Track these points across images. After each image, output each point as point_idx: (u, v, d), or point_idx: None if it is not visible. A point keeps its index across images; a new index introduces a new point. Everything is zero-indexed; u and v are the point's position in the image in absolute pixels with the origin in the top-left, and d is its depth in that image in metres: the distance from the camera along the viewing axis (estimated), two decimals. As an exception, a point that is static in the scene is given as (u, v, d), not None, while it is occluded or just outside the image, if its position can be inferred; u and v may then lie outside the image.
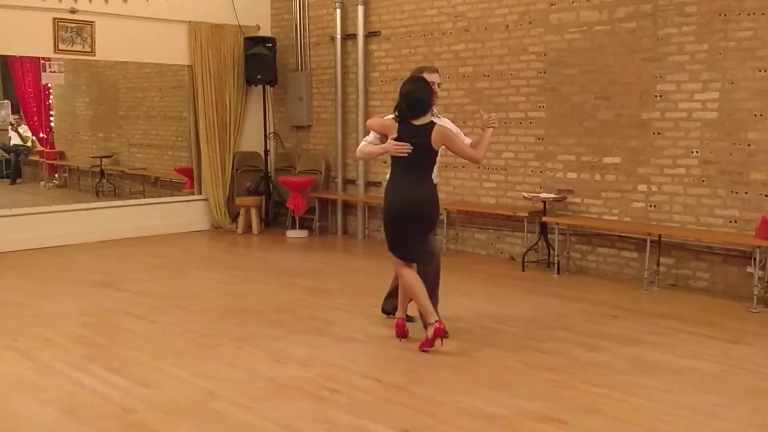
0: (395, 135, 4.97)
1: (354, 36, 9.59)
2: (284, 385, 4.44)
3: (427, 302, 4.99)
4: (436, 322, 4.89)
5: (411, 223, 5.01)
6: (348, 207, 10.02)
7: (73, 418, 3.98)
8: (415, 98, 4.95)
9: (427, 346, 4.94)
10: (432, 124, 4.99)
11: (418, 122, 4.96)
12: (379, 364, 4.81)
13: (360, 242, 9.61)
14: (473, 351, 5.07)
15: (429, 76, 5.17)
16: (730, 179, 6.65)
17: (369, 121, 5.50)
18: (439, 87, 5.31)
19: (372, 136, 5.29)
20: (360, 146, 5.40)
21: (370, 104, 9.55)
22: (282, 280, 7.28)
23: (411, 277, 5.04)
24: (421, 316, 5.12)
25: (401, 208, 5.00)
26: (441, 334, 4.91)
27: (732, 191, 6.65)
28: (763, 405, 4.18)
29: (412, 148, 4.91)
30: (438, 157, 5.14)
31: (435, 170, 5.15)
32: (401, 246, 5.09)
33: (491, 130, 5.21)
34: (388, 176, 5.27)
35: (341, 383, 4.45)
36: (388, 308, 5.68)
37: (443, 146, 5.03)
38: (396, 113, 5.04)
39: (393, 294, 5.56)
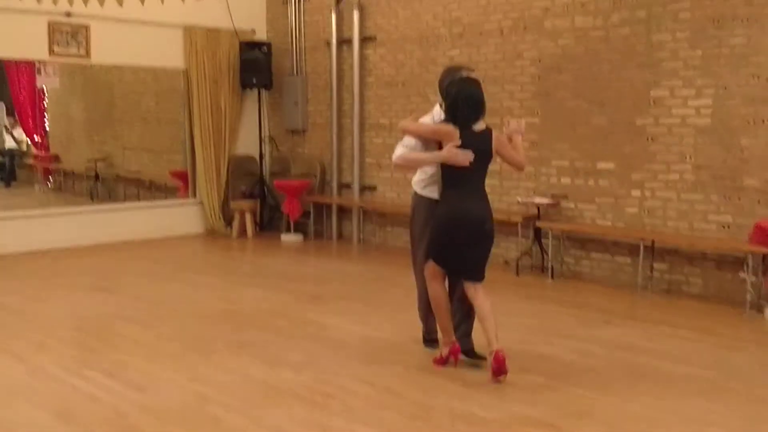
0: (457, 143, 4.52)
1: (349, 41, 9.61)
2: (278, 389, 4.45)
3: (449, 321, 4.77)
4: (452, 342, 4.74)
5: (482, 242, 4.68)
6: (343, 211, 10.03)
7: (67, 422, 3.97)
8: (479, 100, 4.60)
9: (442, 362, 4.78)
10: (490, 129, 4.68)
11: (477, 128, 4.62)
12: (373, 369, 4.81)
13: (355, 246, 9.62)
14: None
15: (474, 77, 4.78)
16: (724, 185, 6.68)
17: (412, 125, 4.83)
18: None
19: (413, 142, 4.76)
20: (402, 153, 4.77)
21: (365, 109, 9.56)
22: (277, 284, 7.28)
23: (444, 294, 4.78)
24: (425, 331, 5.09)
25: (474, 224, 4.61)
26: (457, 354, 4.73)
27: (725, 197, 6.68)
28: (755, 411, 4.19)
29: (474, 156, 4.54)
30: None
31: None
32: (466, 264, 4.69)
33: (520, 137, 4.86)
34: (417, 185, 4.90)
35: (335, 388, 4.45)
36: (466, 347, 4.91)
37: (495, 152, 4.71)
38: (453, 118, 4.60)
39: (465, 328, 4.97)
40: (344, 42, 9.73)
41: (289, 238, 9.81)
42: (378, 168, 9.50)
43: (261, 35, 10.58)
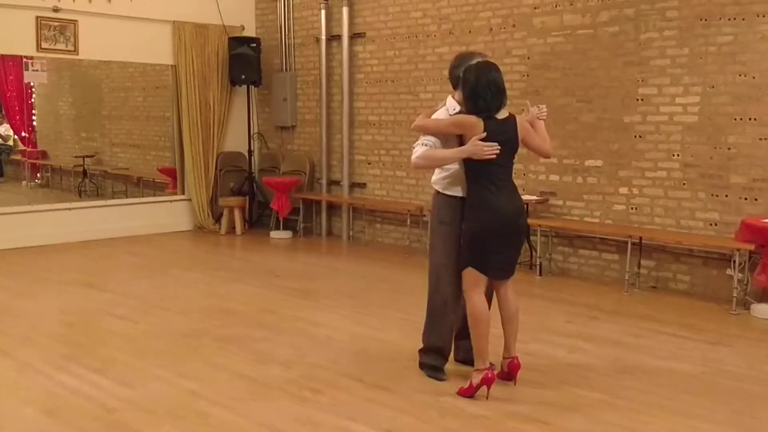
0: (483, 135, 4.13)
1: (339, 37, 9.60)
2: (267, 385, 4.45)
3: (488, 344, 4.28)
4: (488, 368, 4.22)
5: (517, 234, 4.39)
6: (332, 208, 10.03)
7: (54, 417, 3.96)
8: (501, 86, 4.22)
9: (469, 393, 4.23)
10: (513, 117, 4.31)
11: (500, 116, 4.24)
12: (361, 365, 4.82)
13: (344, 243, 9.62)
14: (456, 352, 5.09)
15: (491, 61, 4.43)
16: (711, 182, 6.72)
17: (429, 122, 4.41)
18: None
19: (433, 139, 4.35)
20: (422, 152, 4.31)
21: (354, 105, 9.56)
22: (265, 280, 7.28)
23: (483, 307, 4.31)
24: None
25: (515, 219, 4.29)
26: (491, 383, 4.18)
27: (712, 194, 6.72)
28: (742, 406, 4.23)
29: (500, 148, 4.14)
30: None
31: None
32: (507, 262, 4.37)
33: (542, 122, 4.53)
34: (438, 184, 4.47)
35: (324, 384, 4.46)
36: (461, 356, 4.70)
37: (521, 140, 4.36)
38: (474, 108, 4.21)
39: (465, 334, 4.55)
40: (333, 38, 9.72)
41: (278, 234, 9.80)
42: (367, 165, 9.50)
43: (250, 31, 10.56)
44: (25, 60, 9.46)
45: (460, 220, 4.35)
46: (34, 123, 12.10)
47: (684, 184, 6.88)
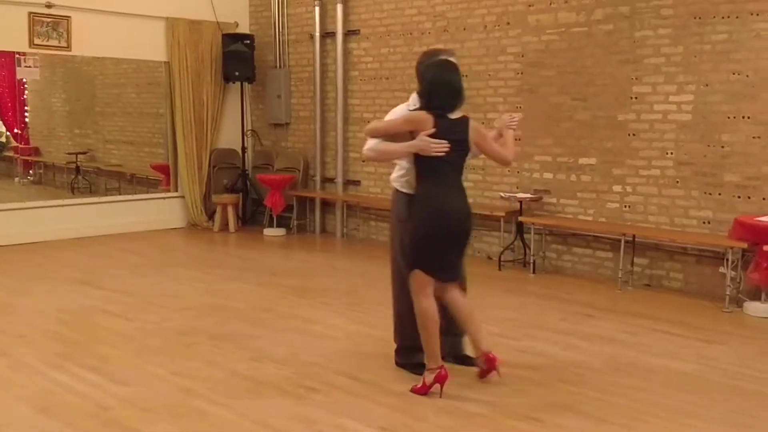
0: (432, 131, 4.12)
1: (333, 34, 9.59)
2: (262, 383, 4.44)
3: (438, 342, 4.22)
4: (440, 368, 4.20)
5: (466, 238, 4.34)
6: (326, 205, 10.02)
7: (49, 415, 3.95)
8: (456, 87, 4.22)
9: (423, 392, 4.22)
10: (467, 118, 4.28)
11: (454, 116, 4.22)
12: (357, 363, 4.82)
13: (338, 241, 9.62)
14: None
15: (452, 60, 4.43)
16: (704, 181, 6.75)
17: (380, 124, 4.46)
18: None
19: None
20: (373, 144, 4.36)
21: (349, 102, 9.55)
22: (260, 278, 7.27)
23: (433, 309, 4.24)
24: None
25: (459, 220, 4.26)
26: (444, 381, 4.18)
27: (706, 192, 6.75)
28: (736, 403, 4.25)
29: (449, 146, 4.13)
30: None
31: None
32: (454, 264, 4.35)
33: (512, 132, 4.54)
34: (396, 182, 4.53)
35: (319, 381, 4.46)
36: (444, 352, 4.47)
37: (474, 144, 4.32)
38: (427, 105, 4.23)
39: (444, 332, 4.44)
40: (328, 35, 9.71)
41: (272, 232, 9.79)
42: (362, 162, 9.49)
43: (244, 28, 10.53)
44: (17, 56, 9.43)
45: None
46: (27, 119, 12.06)
47: (678, 182, 6.90)
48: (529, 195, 7.72)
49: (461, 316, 4.37)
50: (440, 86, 4.20)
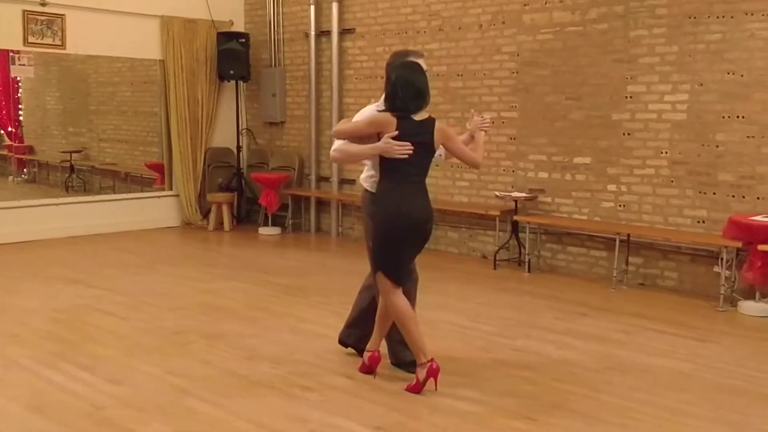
0: (395, 133, 4.13)
1: (328, 33, 9.58)
2: (256, 382, 4.44)
3: (423, 338, 4.28)
4: (430, 361, 4.21)
5: (422, 241, 4.33)
6: (321, 204, 10.01)
7: (42, 415, 3.93)
8: (419, 88, 4.19)
9: (417, 390, 4.25)
10: (433, 120, 4.26)
11: (418, 117, 4.22)
12: (351, 362, 4.80)
13: (333, 240, 9.61)
14: (445, 348, 5.08)
15: (418, 62, 4.38)
16: (699, 180, 6.76)
17: (345, 126, 4.43)
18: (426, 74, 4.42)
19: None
20: (338, 145, 4.39)
21: (344, 101, 9.54)
22: (254, 277, 7.26)
23: (406, 306, 4.30)
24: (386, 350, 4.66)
25: (418, 222, 4.24)
26: (436, 375, 4.21)
27: (700, 192, 6.76)
28: (729, 402, 4.26)
29: (413, 148, 4.13)
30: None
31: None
32: (404, 265, 4.34)
33: (483, 133, 4.54)
34: (365, 182, 4.56)
35: (313, 380, 4.45)
36: (350, 340, 4.84)
37: (441, 146, 4.33)
38: (391, 106, 4.23)
39: (356, 323, 4.79)
40: (323, 34, 9.70)
41: (267, 231, 9.78)
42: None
43: (239, 26, 10.52)
44: (11, 54, 9.40)
45: None
46: (21, 118, 12.02)
47: (672, 181, 6.91)
48: (524, 194, 7.72)
49: (385, 323, 4.44)
50: (404, 88, 4.17)
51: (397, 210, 4.21)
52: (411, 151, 4.12)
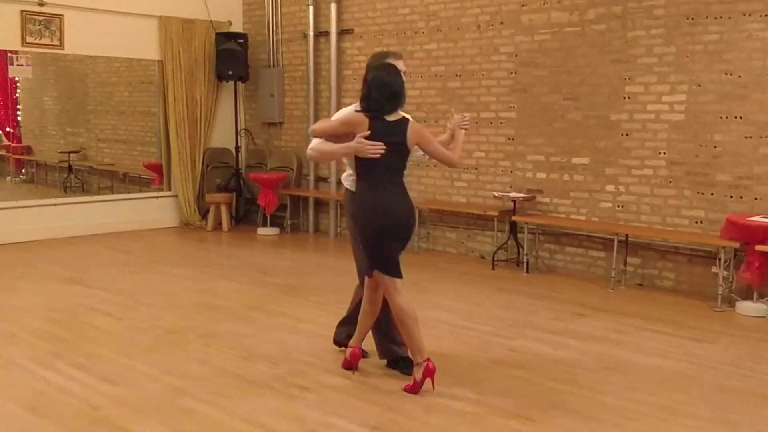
0: (367, 133, 4.21)
1: (327, 33, 9.58)
2: (253, 382, 4.43)
3: (421, 338, 4.30)
4: (426, 361, 4.24)
5: (402, 238, 4.37)
6: (320, 204, 10.01)
7: (38, 414, 3.93)
8: (393, 90, 4.26)
9: (415, 390, 4.26)
10: (406, 120, 4.32)
11: (391, 118, 4.28)
12: (348, 362, 4.81)
13: (332, 240, 9.61)
14: (442, 348, 5.09)
15: (396, 64, 4.45)
16: (696, 180, 6.76)
17: (321, 125, 4.53)
18: (405, 75, 4.48)
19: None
20: (314, 144, 4.49)
21: (342, 102, 9.53)
22: (252, 277, 7.26)
23: (408, 305, 4.32)
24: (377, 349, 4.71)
25: (393, 221, 4.28)
26: (432, 374, 4.24)
27: (698, 192, 6.76)
28: (725, 402, 4.26)
29: (385, 148, 4.20)
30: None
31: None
32: (395, 261, 4.35)
33: (463, 132, 4.58)
34: (346, 181, 4.63)
35: (310, 380, 4.45)
36: (342, 338, 4.87)
37: (416, 146, 4.36)
38: (366, 107, 4.30)
39: (348, 321, 4.83)
40: (321, 34, 9.70)
41: (265, 231, 9.77)
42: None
43: (237, 26, 10.52)
44: (9, 54, 9.38)
45: None
46: (19, 118, 12.00)
47: (670, 181, 6.91)
48: (522, 194, 7.72)
49: (368, 309, 4.48)
50: (378, 89, 4.25)
51: (379, 209, 4.27)
52: (383, 151, 4.19)
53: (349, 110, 4.51)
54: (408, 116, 4.41)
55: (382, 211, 4.27)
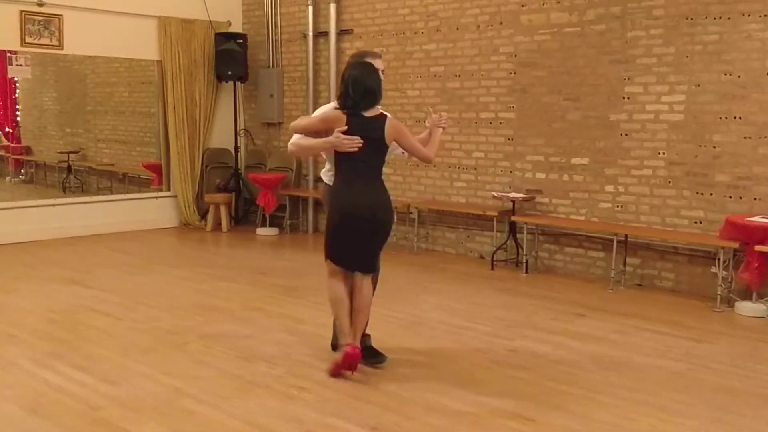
0: (344, 128, 4.36)
1: (326, 33, 9.58)
2: (252, 382, 4.43)
3: (347, 321, 4.47)
4: (347, 345, 4.38)
5: (372, 233, 4.49)
6: (319, 205, 10.00)
7: (38, 415, 3.93)
8: (368, 87, 4.41)
9: (334, 370, 4.44)
10: (384, 116, 4.46)
11: (369, 114, 4.42)
12: (347, 362, 4.81)
13: (330, 240, 9.58)
14: (441, 349, 5.10)
15: (373, 62, 4.58)
16: (696, 181, 6.76)
17: (300, 122, 4.65)
18: (383, 74, 4.62)
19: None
20: (294, 139, 4.65)
21: (341, 102, 9.52)
22: (252, 277, 7.25)
23: (340, 291, 4.51)
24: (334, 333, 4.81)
25: (363, 215, 4.41)
26: (353, 360, 4.36)
27: (697, 192, 6.76)
28: (724, 402, 4.26)
29: (362, 143, 4.35)
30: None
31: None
32: (356, 256, 4.52)
33: (441, 130, 4.68)
34: (324, 175, 4.76)
35: (309, 381, 4.45)
36: (334, 340, 4.91)
37: (393, 142, 4.49)
38: (343, 103, 4.46)
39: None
40: (321, 35, 9.70)
41: (265, 231, 9.77)
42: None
43: (237, 27, 10.51)
44: (8, 55, 9.38)
45: None
46: (18, 118, 11.99)
47: (669, 182, 6.92)
48: (521, 195, 7.72)
49: (355, 304, 4.56)
50: (354, 86, 4.41)
51: (347, 203, 4.44)
52: (360, 145, 4.35)
53: (329, 107, 4.70)
54: (386, 113, 4.55)
55: (348, 205, 4.43)
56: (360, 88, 4.40)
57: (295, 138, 4.66)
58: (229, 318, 5.81)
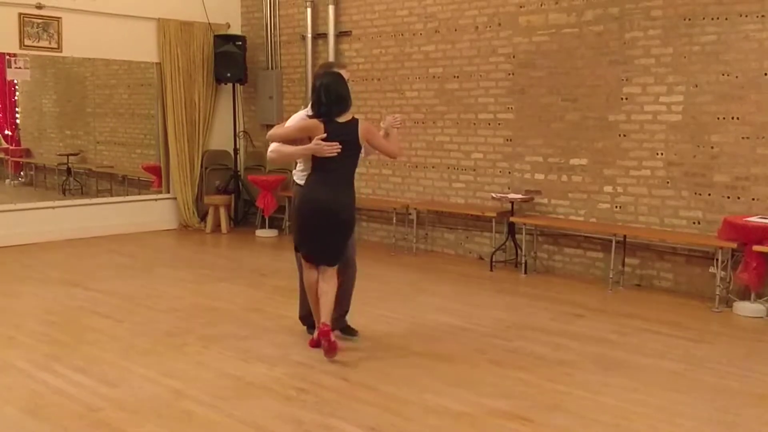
0: (323, 135, 4.71)
1: (325, 35, 9.59)
2: (251, 384, 4.44)
3: (318, 310, 4.93)
4: (322, 324, 4.80)
5: (336, 230, 4.86)
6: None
7: (37, 417, 3.93)
8: (340, 93, 4.79)
9: (311, 344, 5.04)
10: (356, 120, 4.84)
11: (342, 119, 4.79)
12: (346, 363, 4.81)
13: (329, 242, 9.59)
14: (440, 349, 5.10)
15: (341, 72, 4.93)
16: (694, 181, 6.77)
17: (278, 131, 4.99)
18: (349, 83, 4.98)
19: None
20: (275, 147, 4.97)
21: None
22: (251, 279, 7.26)
23: (312, 281, 4.95)
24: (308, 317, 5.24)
25: (330, 212, 4.79)
26: (325, 335, 4.73)
27: (695, 193, 6.77)
28: (723, 402, 4.26)
29: (341, 147, 4.71)
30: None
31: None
32: (321, 250, 4.90)
33: (396, 130, 5.10)
34: (296, 175, 5.09)
35: (309, 382, 4.46)
36: (342, 325, 5.30)
37: (366, 142, 4.89)
38: (317, 111, 4.80)
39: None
40: (319, 36, 9.71)
41: (264, 233, 9.77)
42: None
43: (235, 29, 10.52)
44: (7, 57, 9.39)
45: None
46: (18, 121, 12.01)
47: (668, 182, 6.92)
48: (520, 195, 7.73)
49: (319, 290, 4.92)
50: (326, 93, 4.77)
51: (317, 197, 4.81)
52: (339, 149, 4.71)
53: (301, 114, 5.02)
54: (357, 117, 4.91)
55: (320, 201, 4.79)
56: (332, 94, 4.76)
57: (275, 146, 4.97)
58: (229, 319, 5.81)
